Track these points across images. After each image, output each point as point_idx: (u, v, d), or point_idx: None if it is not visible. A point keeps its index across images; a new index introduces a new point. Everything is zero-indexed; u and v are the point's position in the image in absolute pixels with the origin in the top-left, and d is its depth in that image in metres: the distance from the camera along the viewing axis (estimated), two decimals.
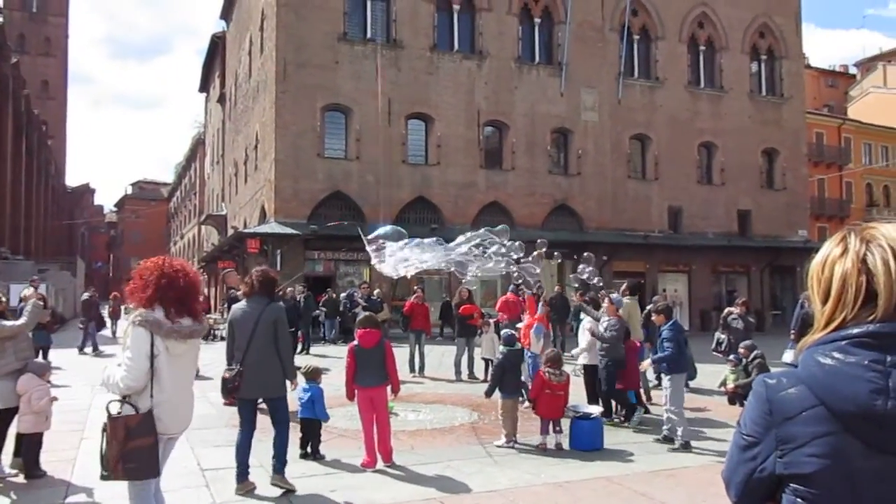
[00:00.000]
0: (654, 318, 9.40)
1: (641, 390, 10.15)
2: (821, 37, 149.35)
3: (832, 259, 1.35)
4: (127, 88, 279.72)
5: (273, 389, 6.00)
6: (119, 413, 3.82)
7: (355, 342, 7.00)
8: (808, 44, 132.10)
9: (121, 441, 3.73)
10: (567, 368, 8.67)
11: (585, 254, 10.79)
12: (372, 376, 6.85)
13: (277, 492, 5.94)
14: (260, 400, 6.18)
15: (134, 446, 3.74)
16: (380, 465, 6.88)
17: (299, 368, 7.18)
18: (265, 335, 5.87)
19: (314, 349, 17.70)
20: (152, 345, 3.82)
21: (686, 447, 7.84)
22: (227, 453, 7.37)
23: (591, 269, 10.15)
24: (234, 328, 6.04)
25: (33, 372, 6.31)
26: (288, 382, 6.16)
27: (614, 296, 10.39)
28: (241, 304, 6.18)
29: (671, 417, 8.02)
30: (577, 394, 9.32)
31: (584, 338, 9.94)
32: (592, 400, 9.45)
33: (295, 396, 7.01)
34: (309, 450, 7.24)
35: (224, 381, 5.87)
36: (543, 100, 27.69)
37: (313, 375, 7.62)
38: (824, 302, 1.34)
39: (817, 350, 1.29)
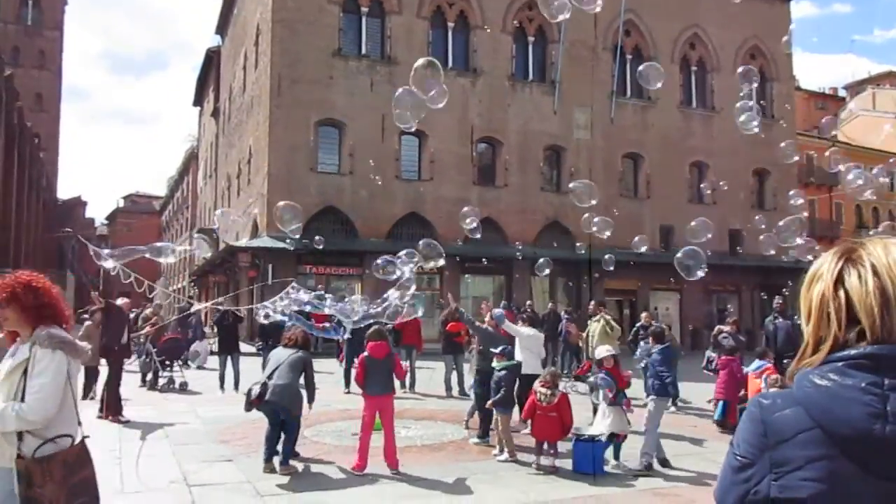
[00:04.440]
0: (648, 339, 9.25)
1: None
2: (809, 61, 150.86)
3: (816, 278, 1.34)
4: (123, 103, 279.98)
5: (291, 405, 7.22)
6: (32, 453, 3.10)
7: (366, 353, 7.45)
8: (798, 67, 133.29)
9: (59, 482, 3.12)
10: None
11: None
12: (379, 385, 7.32)
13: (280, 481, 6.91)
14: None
15: (78, 480, 3.22)
16: (374, 469, 7.11)
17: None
18: (290, 365, 7.34)
19: None
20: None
21: (648, 468, 7.47)
22: (214, 469, 7.31)
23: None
24: (271, 359, 7.66)
25: None
26: (306, 405, 7.53)
27: (496, 311, 10.19)
28: (281, 347, 7.80)
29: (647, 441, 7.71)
30: (581, 413, 9.08)
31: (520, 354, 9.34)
32: None
33: None
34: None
35: (248, 392, 7.30)
36: (536, 117, 27.83)
37: None
38: (808, 322, 1.33)
39: (813, 371, 1.26)
